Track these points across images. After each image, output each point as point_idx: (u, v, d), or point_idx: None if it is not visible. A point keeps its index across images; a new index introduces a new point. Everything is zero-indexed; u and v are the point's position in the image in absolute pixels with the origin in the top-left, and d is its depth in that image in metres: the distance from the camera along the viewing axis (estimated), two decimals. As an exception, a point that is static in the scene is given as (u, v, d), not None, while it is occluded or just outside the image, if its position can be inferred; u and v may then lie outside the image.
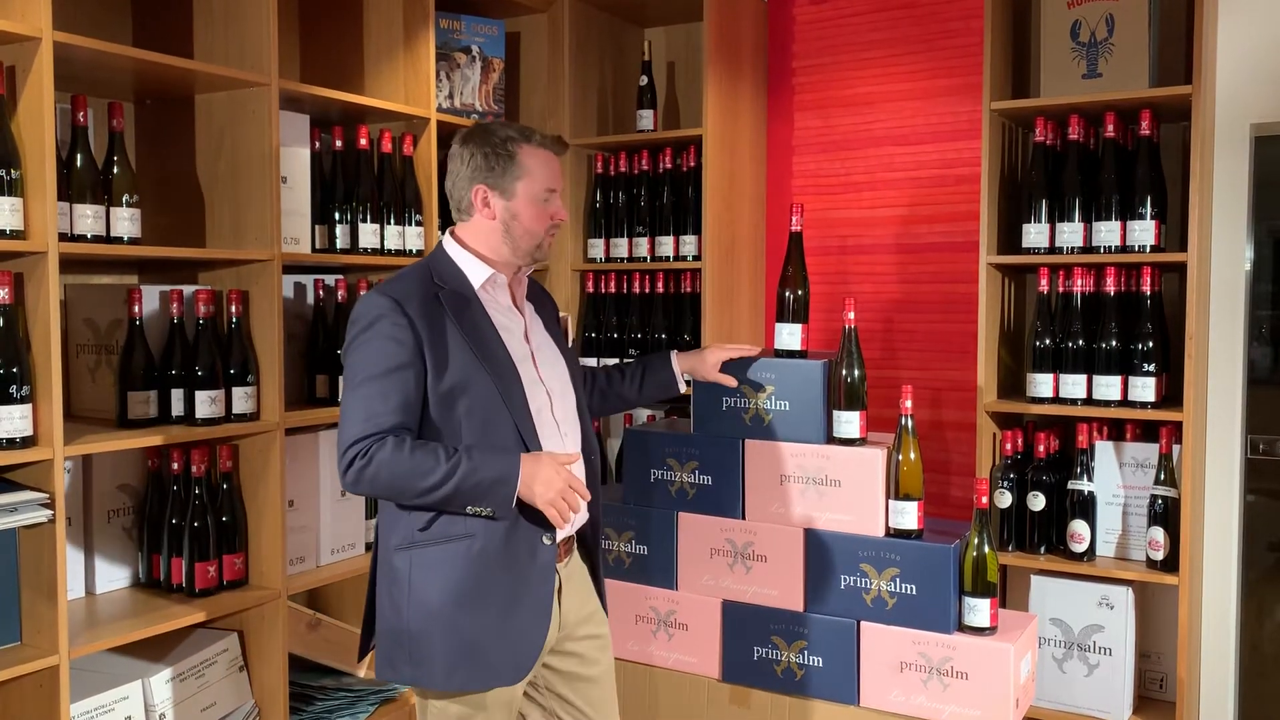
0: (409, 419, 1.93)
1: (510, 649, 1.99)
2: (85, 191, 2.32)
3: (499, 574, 1.97)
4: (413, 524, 1.98)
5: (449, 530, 1.96)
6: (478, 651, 1.96)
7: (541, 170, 2.06)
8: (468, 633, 1.96)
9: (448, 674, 1.96)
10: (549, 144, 2.08)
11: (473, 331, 1.99)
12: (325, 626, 2.96)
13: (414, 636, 1.97)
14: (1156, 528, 2.83)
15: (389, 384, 1.91)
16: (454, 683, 1.97)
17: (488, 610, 1.96)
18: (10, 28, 2.08)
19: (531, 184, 2.05)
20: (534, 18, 3.61)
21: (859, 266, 3.57)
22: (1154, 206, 2.83)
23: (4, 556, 2.21)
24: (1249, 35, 2.98)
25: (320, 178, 2.96)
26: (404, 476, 1.88)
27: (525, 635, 2.01)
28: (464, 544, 1.96)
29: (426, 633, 1.96)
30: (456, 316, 1.98)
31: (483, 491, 1.90)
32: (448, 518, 1.96)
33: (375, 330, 1.93)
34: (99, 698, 2.38)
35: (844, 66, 3.57)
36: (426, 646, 1.96)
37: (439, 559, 1.96)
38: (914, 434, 2.37)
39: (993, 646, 2.27)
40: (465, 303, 2.02)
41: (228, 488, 2.64)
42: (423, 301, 1.96)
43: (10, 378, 2.13)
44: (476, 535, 1.96)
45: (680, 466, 2.59)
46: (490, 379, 1.97)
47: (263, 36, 2.58)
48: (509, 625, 1.98)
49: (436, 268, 2.06)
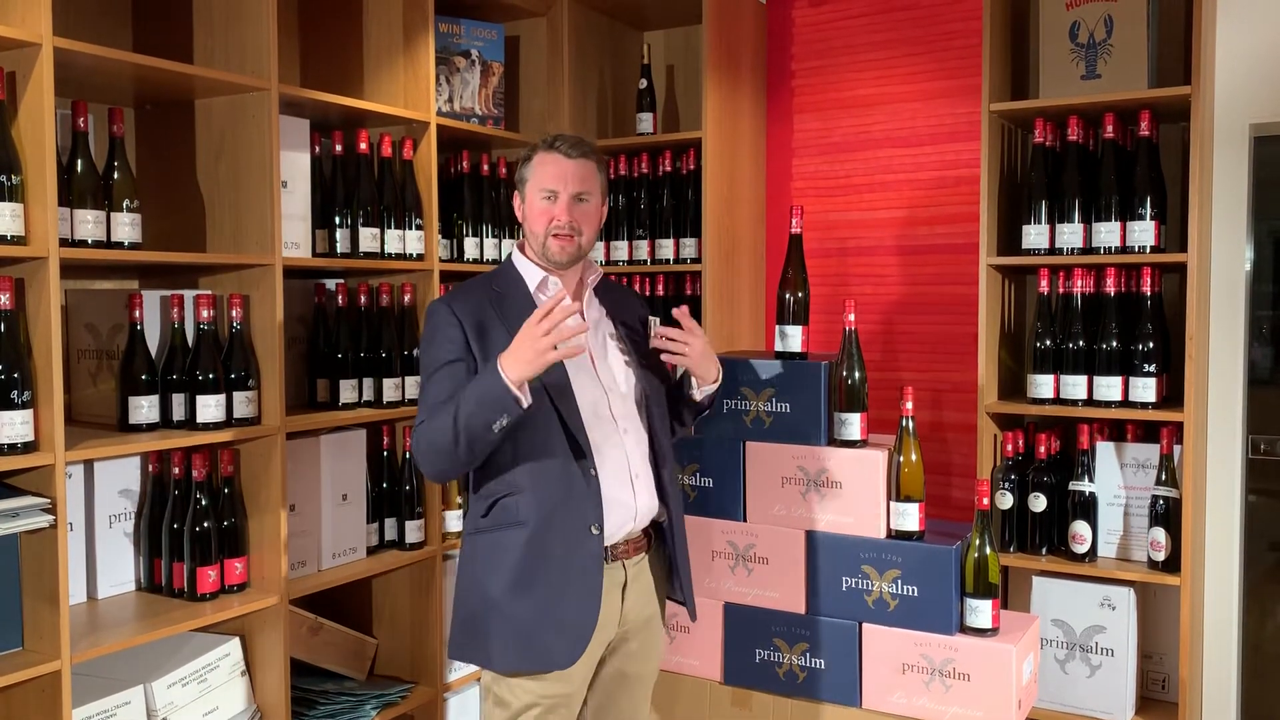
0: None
1: (558, 635, 2.06)
2: (86, 197, 2.32)
3: (549, 561, 2.05)
4: (477, 511, 2.12)
5: (503, 518, 2.07)
6: (529, 636, 2.05)
7: (543, 172, 2.14)
8: (519, 617, 2.05)
9: (501, 656, 2.06)
10: (561, 145, 2.15)
11: (518, 328, 2.02)
12: (327, 630, 2.96)
13: (473, 618, 2.09)
14: (1158, 528, 2.83)
15: (440, 378, 2.06)
16: (506, 664, 2.06)
17: (537, 596, 2.04)
18: (10, 34, 2.08)
19: (532, 186, 2.15)
20: (533, 21, 3.61)
21: (859, 268, 3.57)
22: (1154, 207, 2.84)
23: (6, 562, 2.21)
24: (1248, 35, 2.98)
25: (320, 182, 2.96)
26: (435, 437, 1.98)
27: (573, 623, 2.07)
28: (516, 531, 2.05)
29: (484, 615, 2.07)
30: (504, 315, 2.09)
31: (485, 402, 1.93)
32: (503, 505, 2.07)
33: (430, 333, 2.11)
34: (101, 703, 2.38)
35: (843, 69, 3.58)
36: (485, 628, 2.07)
37: (495, 545, 2.07)
38: (915, 435, 2.37)
39: (995, 648, 2.27)
40: (514, 303, 2.12)
41: (229, 492, 2.64)
42: (475, 304, 2.11)
43: (11, 383, 2.13)
44: (527, 523, 2.05)
45: (681, 469, 2.59)
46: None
47: (262, 41, 2.58)
48: (557, 612, 2.05)
49: (497, 274, 2.21)
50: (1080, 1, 2.95)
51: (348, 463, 2.96)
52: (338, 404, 2.93)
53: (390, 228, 3.00)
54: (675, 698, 2.61)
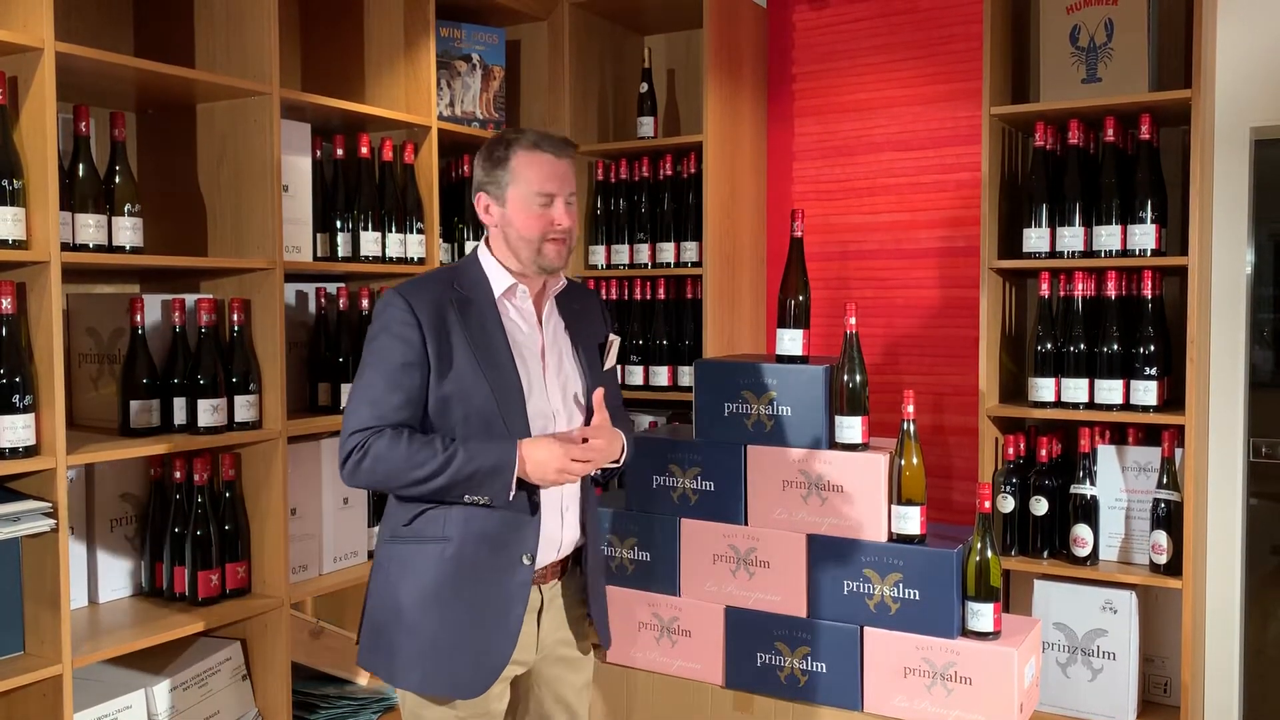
0: (411, 416, 1.94)
1: (472, 661, 1.97)
2: (87, 201, 2.33)
3: (468, 584, 1.96)
4: (398, 519, 2.00)
5: (425, 530, 1.96)
6: (437, 656, 1.95)
7: (533, 174, 1.99)
8: (428, 635, 1.95)
9: (405, 671, 1.97)
10: (548, 145, 2.01)
11: (479, 338, 1.97)
12: (328, 635, 2.96)
13: (381, 629, 1.99)
14: (1159, 531, 2.83)
15: (393, 380, 1.92)
16: (410, 681, 1.97)
17: (450, 618, 1.95)
18: (12, 38, 2.08)
19: (521, 189, 1.99)
20: (534, 25, 3.62)
21: (860, 272, 3.57)
22: (1154, 210, 2.84)
23: (7, 566, 2.21)
24: (1248, 38, 2.98)
25: (322, 186, 2.96)
26: (400, 468, 1.88)
27: (489, 651, 1.98)
28: (438, 547, 1.95)
29: (391, 627, 1.98)
30: (465, 322, 1.97)
31: (479, 481, 1.89)
32: (427, 517, 1.96)
33: (384, 327, 1.94)
34: (102, 707, 2.38)
35: (844, 72, 3.58)
36: (391, 640, 1.98)
37: (414, 558, 1.97)
38: (916, 439, 2.37)
39: (996, 651, 2.26)
40: (478, 310, 2.00)
41: (230, 496, 2.64)
42: (435, 305, 1.96)
43: (13, 387, 2.13)
44: (452, 540, 1.95)
45: (682, 472, 2.59)
46: (489, 388, 1.96)
47: (264, 45, 2.59)
48: (473, 637, 1.97)
49: (460, 273, 2.05)
50: (1081, 5, 2.95)
51: (349, 466, 2.95)
52: (339, 408, 2.93)
53: (391, 231, 3.00)
54: (676, 702, 2.61)
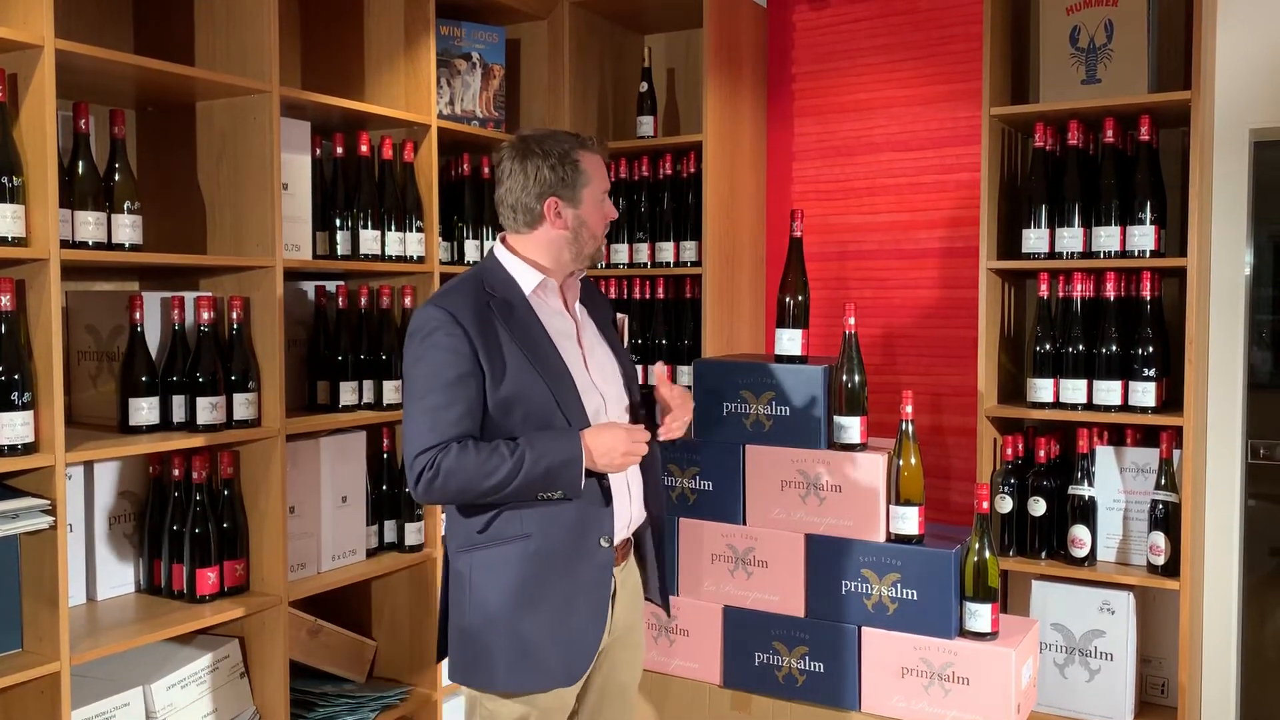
0: (472, 426, 1.95)
1: (565, 650, 2.01)
2: (87, 198, 2.32)
3: (556, 575, 1.99)
4: (472, 526, 2.01)
5: (505, 531, 1.99)
6: (536, 653, 1.99)
7: (599, 173, 2.10)
8: (526, 634, 1.98)
9: (507, 675, 1.99)
10: (598, 146, 2.12)
11: (525, 338, 2.00)
12: (326, 633, 2.96)
13: (475, 638, 2.00)
14: (1157, 532, 2.83)
15: (451, 394, 1.93)
16: (513, 684, 1.99)
17: (544, 611, 1.98)
18: (12, 35, 2.08)
19: (594, 189, 2.09)
20: (534, 24, 3.61)
21: (859, 272, 3.57)
22: (1153, 211, 2.84)
23: (6, 563, 2.21)
24: (1248, 40, 2.98)
25: (321, 184, 2.96)
26: (473, 479, 1.90)
27: (581, 637, 2.03)
28: (520, 544, 1.98)
29: (487, 634, 1.99)
30: (508, 324, 2.00)
31: (552, 477, 1.92)
32: (504, 518, 1.99)
33: (432, 342, 1.94)
34: (100, 704, 2.38)
35: (844, 72, 3.58)
36: (488, 647, 1.99)
37: (497, 560, 1.99)
38: (914, 439, 2.37)
39: (994, 651, 2.27)
40: (516, 310, 2.03)
41: (229, 494, 2.64)
42: (475, 311, 1.98)
43: (12, 384, 2.13)
44: (533, 536, 1.98)
45: (681, 472, 2.60)
46: (545, 385, 1.99)
47: (264, 43, 2.59)
48: (565, 626, 2.00)
49: (487, 276, 2.07)
50: (1080, 6, 2.95)
51: (347, 465, 2.96)
52: (338, 406, 2.93)
53: (391, 230, 3.00)
54: (674, 701, 2.61)
